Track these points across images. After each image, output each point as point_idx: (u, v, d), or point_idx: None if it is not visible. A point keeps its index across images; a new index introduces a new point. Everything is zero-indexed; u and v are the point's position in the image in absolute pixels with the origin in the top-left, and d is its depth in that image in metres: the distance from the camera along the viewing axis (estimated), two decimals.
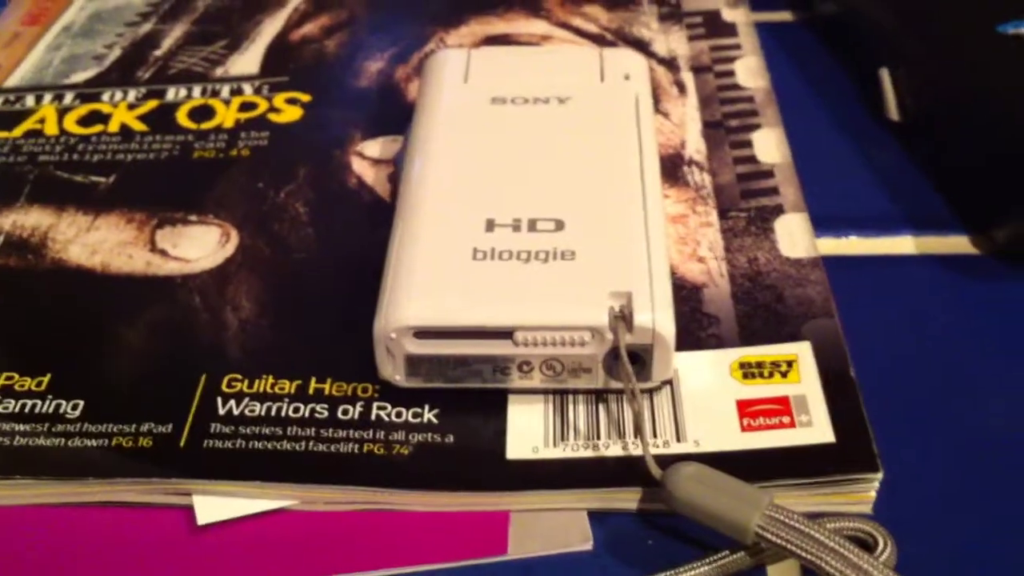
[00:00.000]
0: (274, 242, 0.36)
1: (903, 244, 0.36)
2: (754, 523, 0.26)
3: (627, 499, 0.29)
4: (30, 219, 0.37)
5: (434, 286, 0.30)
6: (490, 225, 0.32)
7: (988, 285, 0.34)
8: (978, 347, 0.33)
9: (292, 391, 0.31)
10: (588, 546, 0.28)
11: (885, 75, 0.40)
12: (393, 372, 0.30)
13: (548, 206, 0.32)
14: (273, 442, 0.30)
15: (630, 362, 0.29)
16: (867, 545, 0.27)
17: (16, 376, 0.32)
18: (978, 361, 0.32)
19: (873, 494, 0.28)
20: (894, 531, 0.27)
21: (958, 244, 0.36)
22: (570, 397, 0.31)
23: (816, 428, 0.29)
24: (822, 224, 0.36)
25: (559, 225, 0.31)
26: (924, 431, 0.30)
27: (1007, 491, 0.29)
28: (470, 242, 0.31)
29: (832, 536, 0.26)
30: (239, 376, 0.32)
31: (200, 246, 0.36)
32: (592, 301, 0.29)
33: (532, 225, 0.32)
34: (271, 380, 0.32)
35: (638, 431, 0.29)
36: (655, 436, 0.30)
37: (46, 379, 0.32)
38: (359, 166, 0.39)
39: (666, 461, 0.28)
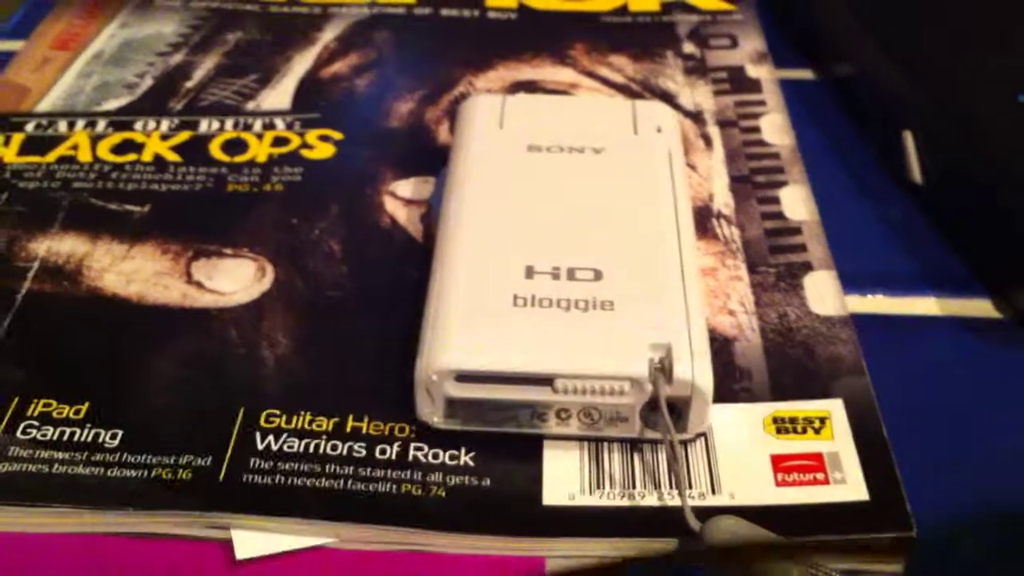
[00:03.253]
0: (308, 278, 0.37)
1: (927, 305, 0.37)
2: None
3: (663, 549, 0.29)
4: (65, 246, 0.38)
5: (476, 331, 0.30)
6: (529, 272, 0.32)
7: (1013, 350, 0.35)
8: (1007, 412, 0.33)
9: (329, 428, 0.32)
10: None
11: (909, 138, 0.41)
12: (432, 414, 0.31)
13: (586, 255, 0.33)
14: (312, 479, 0.30)
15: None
16: None
17: (54, 403, 0.32)
18: (1007, 426, 0.33)
19: (906, 554, 0.29)
20: None
21: (981, 308, 0.37)
22: (605, 445, 0.31)
23: (850, 486, 0.30)
24: (847, 281, 0.37)
25: (597, 275, 0.32)
26: (953, 492, 0.31)
27: None
28: (510, 288, 0.32)
29: None
30: (277, 411, 0.32)
31: (235, 279, 0.36)
32: (632, 352, 0.30)
33: (571, 274, 0.32)
34: (308, 417, 0.32)
35: (676, 483, 0.30)
36: (690, 487, 0.30)
37: (84, 407, 0.32)
38: (392, 205, 0.40)
39: (702, 513, 0.29)
